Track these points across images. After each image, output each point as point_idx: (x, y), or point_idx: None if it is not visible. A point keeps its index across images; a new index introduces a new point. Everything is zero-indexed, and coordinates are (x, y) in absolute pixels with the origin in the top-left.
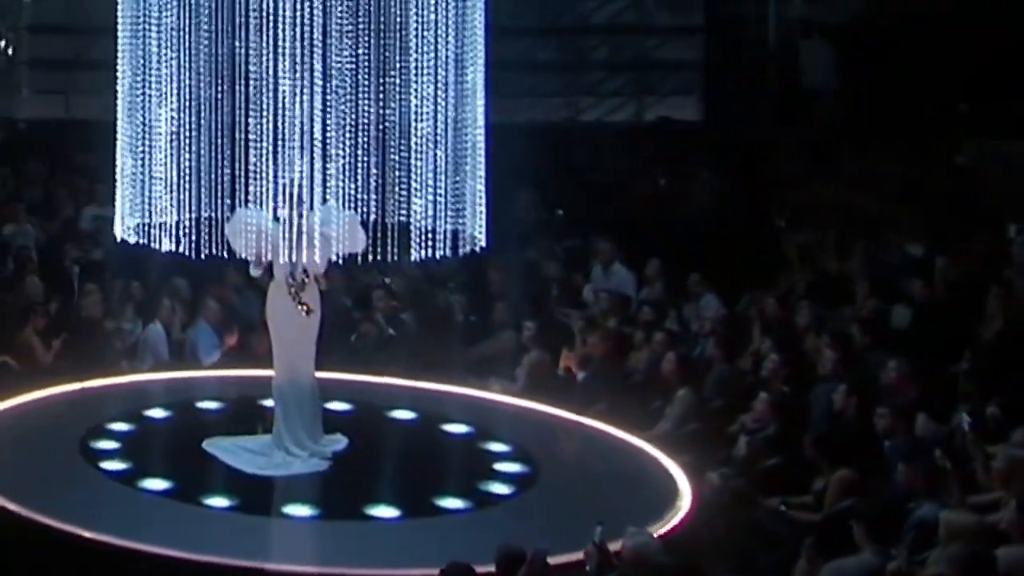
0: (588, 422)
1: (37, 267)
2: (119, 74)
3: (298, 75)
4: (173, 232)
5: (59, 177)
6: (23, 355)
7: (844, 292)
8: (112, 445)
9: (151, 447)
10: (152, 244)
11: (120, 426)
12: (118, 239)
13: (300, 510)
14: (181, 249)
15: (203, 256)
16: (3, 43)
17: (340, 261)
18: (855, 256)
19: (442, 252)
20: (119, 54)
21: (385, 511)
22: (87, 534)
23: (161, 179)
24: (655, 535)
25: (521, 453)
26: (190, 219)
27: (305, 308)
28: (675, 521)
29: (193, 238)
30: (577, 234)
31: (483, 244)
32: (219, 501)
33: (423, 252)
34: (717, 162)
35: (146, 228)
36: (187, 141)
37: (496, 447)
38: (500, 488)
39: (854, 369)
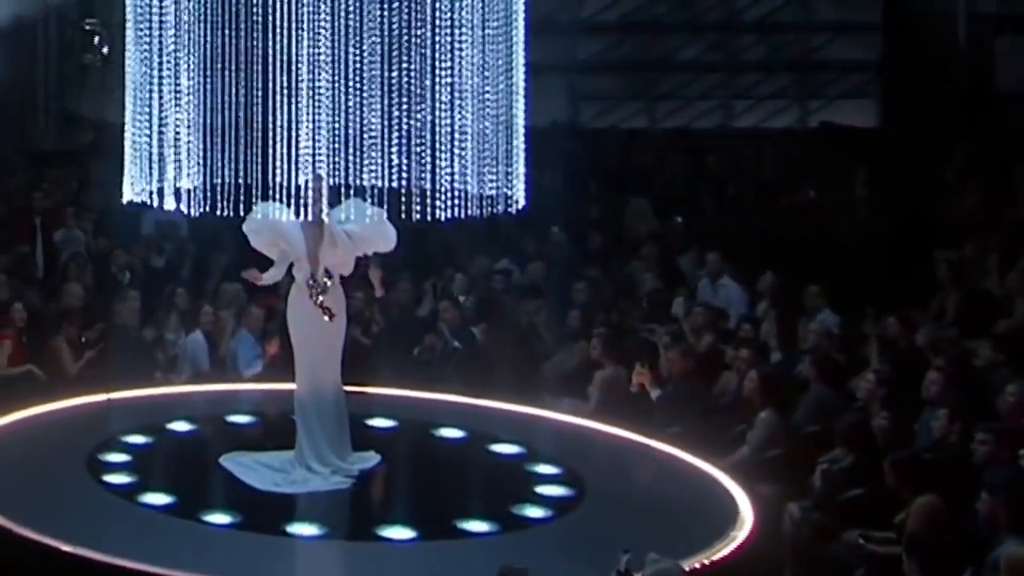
0: (658, 445)
1: (83, 273)
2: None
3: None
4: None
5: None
6: (51, 364)
7: (1001, 312)
8: (122, 458)
9: (163, 461)
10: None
11: (136, 439)
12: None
13: (305, 529)
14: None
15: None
16: (97, 40)
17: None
18: (1015, 273)
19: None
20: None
21: (399, 532)
22: (66, 548)
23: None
24: (680, 563)
25: (570, 476)
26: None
27: (327, 312)
28: (724, 552)
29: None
30: (702, 246)
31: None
32: (220, 518)
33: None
34: (883, 171)
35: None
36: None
37: (544, 469)
38: (535, 512)
39: (963, 393)
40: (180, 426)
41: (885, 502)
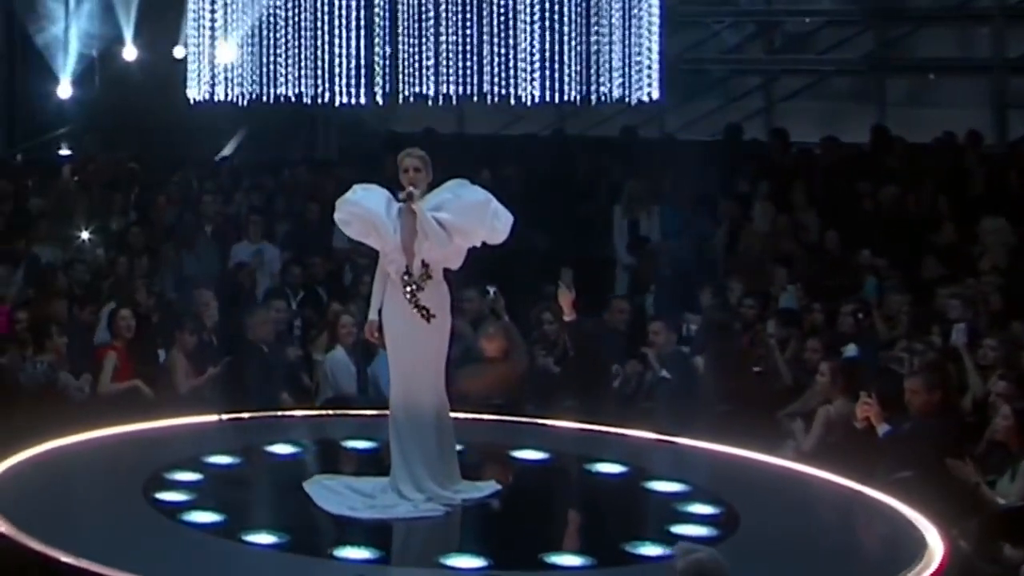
0: (875, 495)
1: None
2: None
3: None
4: None
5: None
6: (164, 380)
7: None
8: (193, 477)
9: (236, 482)
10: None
11: (220, 459)
12: None
13: (356, 553)
14: None
15: None
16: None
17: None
18: None
19: None
20: None
21: (466, 561)
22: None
23: None
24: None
25: (726, 518)
26: None
27: (424, 313)
28: None
29: None
30: None
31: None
32: (263, 538)
33: None
34: None
35: None
36: None
37: (701, 509)
38: (652, 550)
39: None
40: (280, 448)
41: None
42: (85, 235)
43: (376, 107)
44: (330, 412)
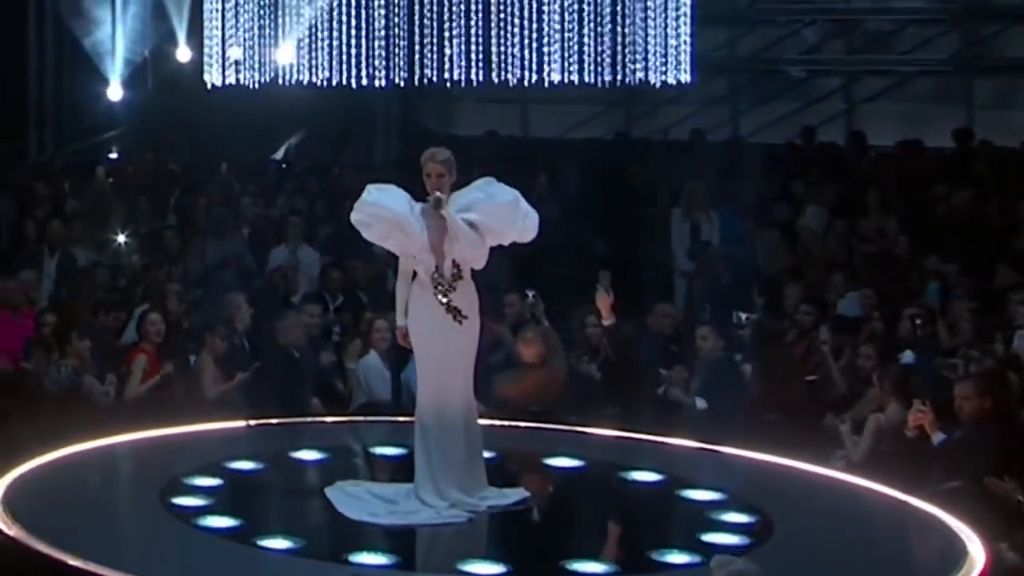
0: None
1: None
2: None
3: None
4: None
5: None
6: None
7: None
8: (213, 482)
9: (257, 488)
10: None
11: (242, 464)
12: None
13: (371, 558)
14: None
15: None
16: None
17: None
18: None
19: None
20: None
21: (485, 567)
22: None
23: None
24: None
25: (761, 527)
26: None
27: (456, 314)
28: None
29: None
30: None
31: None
32: (278, 543)
33: None
34: None
35: None
36: None
37: (735, 517)
38: (681, 558)
39: None
40: (306, 454)
41: None
42: (120, 238)
43: (437, 110)
44: (361, 418)
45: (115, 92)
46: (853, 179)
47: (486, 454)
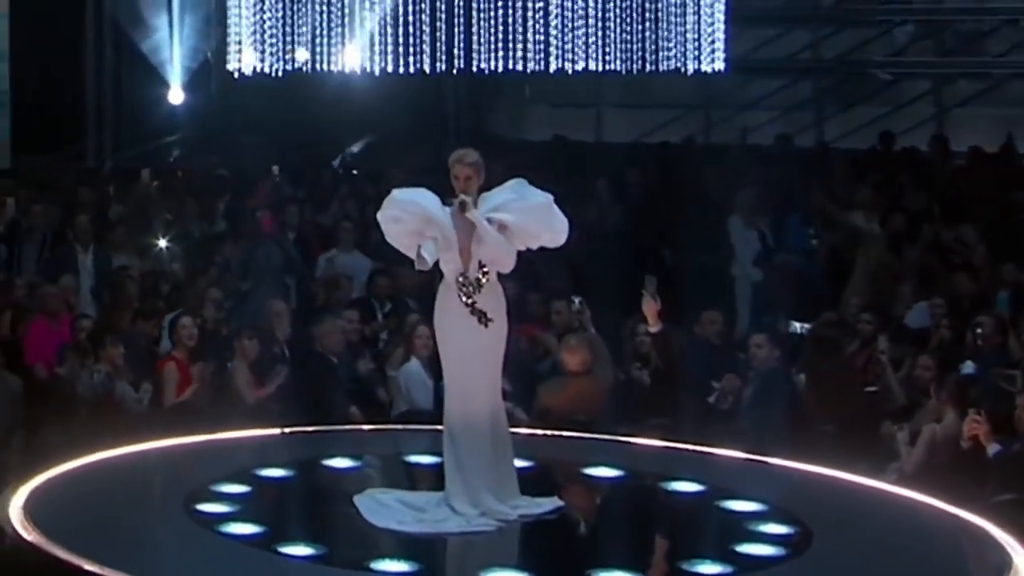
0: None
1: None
2: None
3: None
4: None
5: None
6: (224, 391)
7: None
8: (240, 489)
9: (285, 495)
10: None
11: (273, 472)
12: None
13: (394, 566)
14: None
15: None
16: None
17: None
18: None
19: None
20: None
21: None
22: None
23: None
24: None
25: (801, 539)
26: None
27: (482, 317)
28: None
29: None
30: None
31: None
32: (300, 550)
33: None
34: None
35: None
36: None
37: (774, 528)
38: (712, 568)
39: None
40: (338, 462)
41: None
42: (162, 243)
43: (510, 114)
44: (399, 426)
45: (176, 96)
46: (936, 186)
47: (523, 463)
